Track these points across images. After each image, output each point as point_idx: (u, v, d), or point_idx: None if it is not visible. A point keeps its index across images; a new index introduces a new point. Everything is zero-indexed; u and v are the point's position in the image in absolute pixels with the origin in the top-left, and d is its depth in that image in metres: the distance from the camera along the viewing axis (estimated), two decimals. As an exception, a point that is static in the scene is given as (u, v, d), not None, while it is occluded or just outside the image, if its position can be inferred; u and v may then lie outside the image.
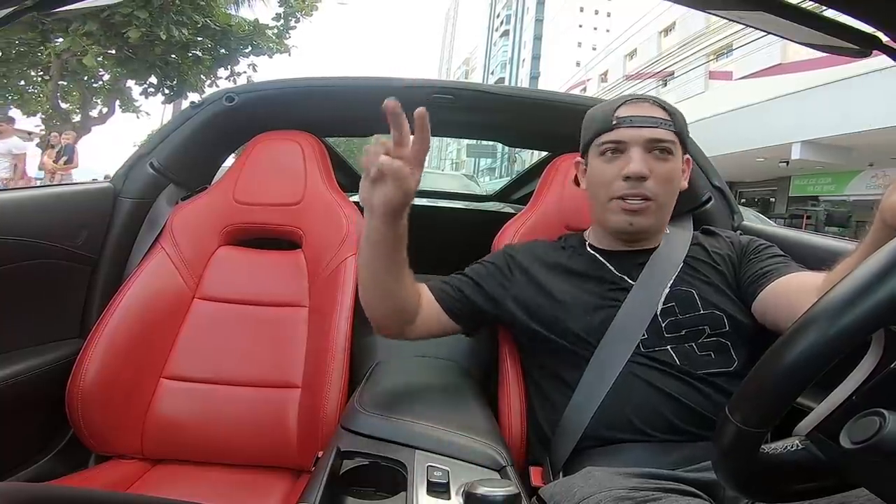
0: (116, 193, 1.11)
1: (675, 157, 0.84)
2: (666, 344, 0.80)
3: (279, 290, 1.07)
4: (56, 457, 0.95)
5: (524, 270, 0.91)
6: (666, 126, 0.83)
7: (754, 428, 0.40)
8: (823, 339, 0.37)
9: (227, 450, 0.96)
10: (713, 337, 0.80)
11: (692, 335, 0.80)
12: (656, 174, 0.82)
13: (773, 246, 0.88)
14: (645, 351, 0.80)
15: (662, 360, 0.79)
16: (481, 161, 37.32)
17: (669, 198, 0.86)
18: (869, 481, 0.39)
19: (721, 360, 0.79)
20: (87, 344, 0.93)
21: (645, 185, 0.82)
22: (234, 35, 8.92)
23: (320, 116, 1.27)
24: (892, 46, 0.62)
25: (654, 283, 0.84)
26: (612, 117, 0.85)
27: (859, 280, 0.37)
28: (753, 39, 10.84)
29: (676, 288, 0.84)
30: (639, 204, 0.83)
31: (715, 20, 14.34)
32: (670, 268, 0.86)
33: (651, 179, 0.82)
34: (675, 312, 0.82)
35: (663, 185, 0.83)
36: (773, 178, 13.21)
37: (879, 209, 0.44)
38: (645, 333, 0.80)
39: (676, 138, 0.84)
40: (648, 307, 0.82)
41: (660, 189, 0.83)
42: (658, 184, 0.82)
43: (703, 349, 0.80)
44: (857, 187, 11.40)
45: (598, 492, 0.62)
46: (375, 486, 0.64)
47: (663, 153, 0.83)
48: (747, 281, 0.83)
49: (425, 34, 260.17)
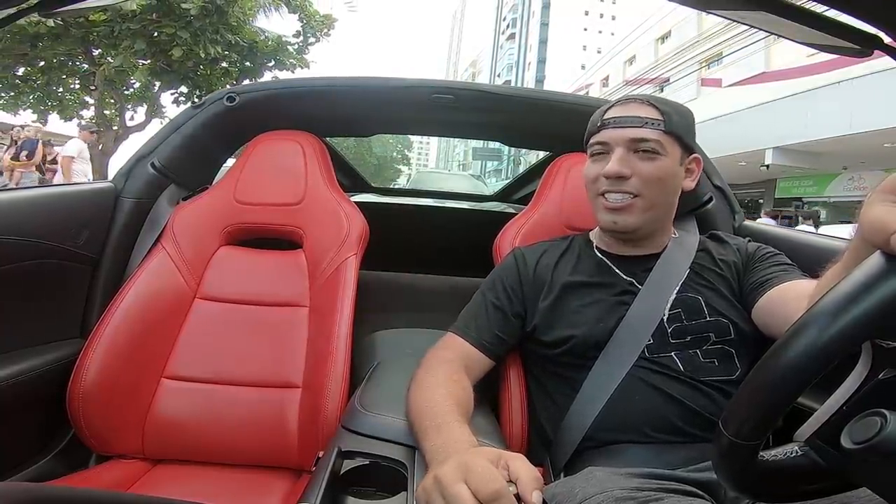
0: (117, 193, 1.11)
1: (666, 156, 0.82)
2: (671, 350, 0.80)
3: (280, 290, 1.07)
4: (57, 457, 0.95)
5: (536, 280, 0.91)
6: (652, 125, 0.82)
7: (747, 440, 0.41)
8: (807, 355, 0.38)
9: (227, 450, 0.96)
10: (718, 344, 0.80)
11: (697, 342, 0.80)
12: (640, 173, 0.82)
13: (779, 254, 0.87)
14: (650, 356, 0.80)
15: (667, 365, 0.79)
16: (487, 163, 37.40)
17: (661, 197, 0.84)
18: (871, 481, 0.39)
19: (725, 368, 0.79)
20: (88, 344, 0.93)
21: (628, 183, 0.82)
22: (259, 51, 10.06)
23: (321, 116, 1.27)
24: (893, 46, 0.61)
25: (661, 289, 0.84)
26: (599, 119, 0.86)
27: (840, 298, 0.38)
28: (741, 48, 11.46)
29: (683, 294, 0.84)
30: (620, 201, 0.83)
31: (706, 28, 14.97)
32: (677, 274, 0.86)
33: (634, 178, 0.82)
34: (681, 318, 0.82)
35: (649, 184, 0.82)
36: (761, 180, 13.95)
37: (859, 222, 0.44)
38: (650, 339, 0.80)
39: (668, 137, 0.82)
40: (655, 313, 0.82)
41: (645, 187, 0.82)
42: (643, 182, 0.82)
43: (707, 356, 0.80)
44: (836, 189, 12.52)
45: (599, 492, 0.61)
46: (376, 486, 0.64)
47: (648, 153, 0.82)
48: (748, 288, 0.83)
49: (432, 37, 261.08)
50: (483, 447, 0.56)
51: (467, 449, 0.56)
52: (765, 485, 0.43)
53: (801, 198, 13.28)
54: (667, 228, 0.91)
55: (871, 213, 0.41)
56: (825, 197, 12.75)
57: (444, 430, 0.61)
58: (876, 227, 0.39)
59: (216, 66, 9.72)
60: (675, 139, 0.83)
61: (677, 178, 0.85)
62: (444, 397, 0.69)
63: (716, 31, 13.73)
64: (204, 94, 9.80)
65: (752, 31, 10.99)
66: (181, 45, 8.68)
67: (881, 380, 0.40)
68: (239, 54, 9.83)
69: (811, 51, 4.93)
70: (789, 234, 1.01)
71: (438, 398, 0.69)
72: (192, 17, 8.53)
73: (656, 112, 0.83)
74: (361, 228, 1.10)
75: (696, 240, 0.93)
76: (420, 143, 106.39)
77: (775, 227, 1.10)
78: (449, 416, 0.64)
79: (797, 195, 13.41)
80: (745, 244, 0.93)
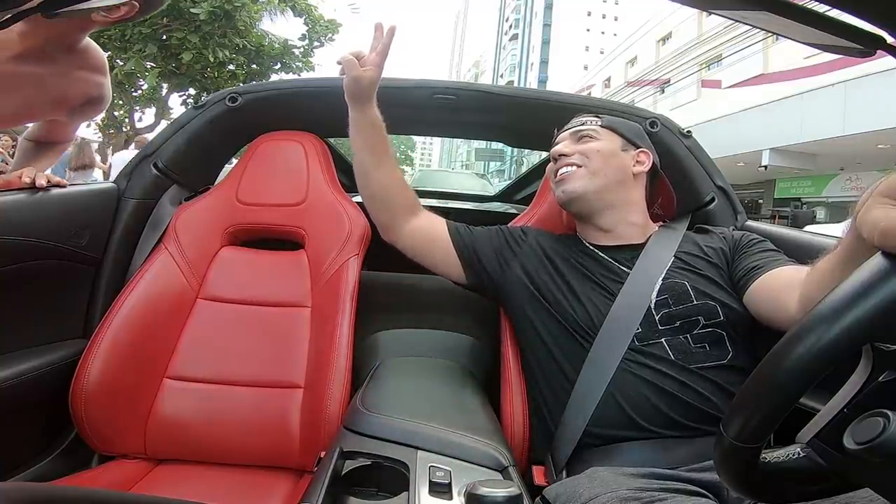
0: (120, 194, 1.11)
1: (602, 140, 0.96)
2: (660, 337, 0.81)
3: (282, 290, 1.08)
4: (59, 457, 0.95)
5: (533, 245, 0.98)
6: (590, 123, 0.98)
7: (747, 443, 0.41)
8: (809, 357, 0.38)
9: (229, 450, 0.96)
10: (708, 328, 0.81)
11: (686, 326, 0.81)
12: (580, 150, 0.95)
13: (764, 241, 0.90)
14: (639, 345, 0.80)
15: (656, 354, 0.79)
16: (490, 163, 37.48)
17: (603, 168, 0.94)
18: (872, 482, 0.39)
19: (715, 352, 0.80)
20: (91, 344, 0.93)
21: (570, 158, 0.95)
22: (265, 54, 10.45)
23: (323, 117, 1.27)
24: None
25: (647, 276, 0.86)
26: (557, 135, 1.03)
27: (840, 300, 0.38)
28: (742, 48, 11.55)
29: (669, 280, 0.85)
30: (564, 173, 0.95)
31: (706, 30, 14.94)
32: (661, 261, 0.88)
33: (576, 154, 0.95)
34: (668, 304, 0.83)
35: (589, 154, 0.94)
36: (761, 180, 14.18)
37: (857, 221, 0.44)
38: (639, 327, 0.81)
39: (603, 129, 0.97)
40: (642, 299, 0.83)
41: (586, 158, 0.94)
42: (583, 155, 0.94)
43: (697, 341, 0.80)
44: (833, 190, 12.70)
45: (603, 492, 0.62)
46: (377, 486, 0.64)
47: (584, 137, 0.97)
48: (738, 275, 0.85)
49: (435, 38, 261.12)
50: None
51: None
52: (767, 486, 0.43)
53: (800, 198, 13.43)
54: (631, 211, 0.96)
55: (871, 215, 0.41)
56: (823, 197, 12.93)
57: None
58: (879, 228, 0.39)
59: (224, 69, 10.06)
60: (611, 131, 0.98)
61: (618, 157, 0.96)
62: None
63: (714, 33, 13.86)
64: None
65: (751, 32, 11.06)
66: (191, 49, 9.04)
67: (882, 382, 0.40)
68: (246, 57, 10.18)
69: (808, 52, 4.93)
70: (790, 234, 1.00)
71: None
72: (201, 21, 8.81)
73: (593, 115, 1.01)
74: (363, 229, 1.10)
75: (681, 232, 0.96)
76: (423, 144, 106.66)
77: (776, 227, 1.10)
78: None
79: (796, 195, 13.58)
80: (730, 232, 0.96)
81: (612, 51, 26.93)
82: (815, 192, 13.10)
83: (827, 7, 0.58)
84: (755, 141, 11.62)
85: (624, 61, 23.73)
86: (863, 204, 0.44)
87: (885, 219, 0.39)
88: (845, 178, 12.31)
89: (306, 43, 11.13)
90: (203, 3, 8.67)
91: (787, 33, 0.70)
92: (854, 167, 11.86)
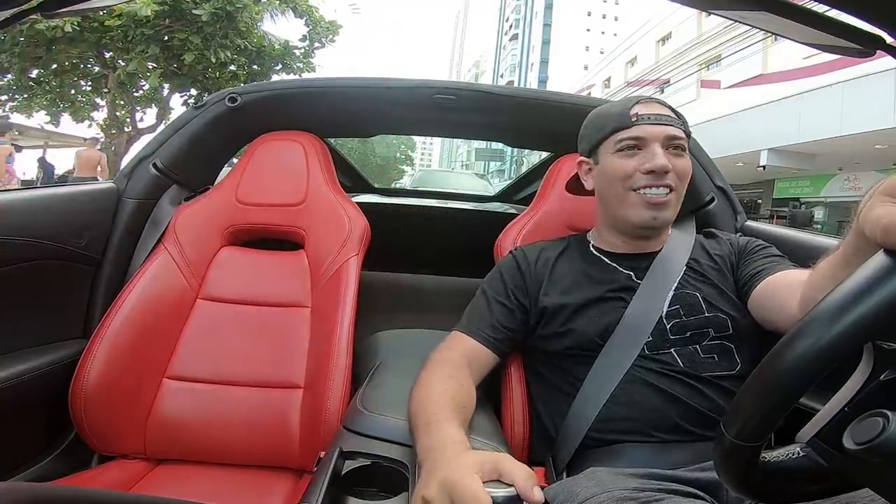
0: (120, 194, 1.11)
1: (687, 154, 0.87)
2: (670, 346, 0.80)
3: (281, 290, 1.07)
4: (59, 457, 0.95)
5: (537, 275, 0.91)
6: (678, 125, 0.86)
7: (747, 442, 0.40)
8: (809, 356, 0.37)
9: (229, 450, 0.96)
10: (717, 339, 0.80)
11: (696, 337, 0.80)
12: (676, 168, 0.83)
13: (769, 246, 0.89)
14: (649, 353, 0.80)
15: (666, 362, 0.79)
16: (490, 164, 37.48)
17: (684, 193, 0.87)
18: (873, 482, 0.39)
19: (725, 363, 0.79)
20: (91, 344, 0.93)
21: (668, 178, 0.83)
22: (267, 55, 10.49)
23: (323, 117, 1.27)
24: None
25: (659, 286, 0.84)
26: (629, 115, 0.85)
27: (841, 298, 0.37)
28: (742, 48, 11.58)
29: (681, 291, 0.84)
30: (663, 196, 0.83)
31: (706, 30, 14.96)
32: (674, 271, 0.87)
33: (672, 173, 0.83)
34: (679, 315, 0.82)
35: (682, 180, 0.85)
36: (760, 180, 14.22)
37: (861, 219, 0.44)
38: (650, 336, 0.80)
39: (686, 138, 0.87)
40: (654, 310, 0.82)
41: (679, 183, 0.85)
42: (678, 177, 0.84)
43: (706, 351, 0.80)
44: (832, 190, 12.76)
45: (601, 492, 0.61)
46: (377, 486, 0.64)
47: (678, 150, 0.85)
48: (742, 281, 0.84)
49: (435, 38, 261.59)
50: (469, 452, 0.56)
51: (456, 453, 0.55)
52: (767, 486, 0.43)
53: (799, 198, 13.48)
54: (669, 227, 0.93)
55: (873, 213, 0.41)
56: (821, 197, 12.98)
57: (433, 429, 0.61)
58: (881, 225, 0.39)
59: (225, 70, 10.12)
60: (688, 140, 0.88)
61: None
62: (439, 395, 0.69)
63: (713, 33, 13.88)
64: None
65: (750, 33, 11.09)
66: (192, 50, 9.09)
67: (883, 381, 0.40)
68: (247, 58, 10.24)
69: (807, 53, 4.93)
70: (791, 234, 1.00)
71: (434, 396, 0.69)
72: (203, 22, 8.86)
73: (674, 113, 0.87)
74: (363, 229, 1.10)
75: (692, 237, 0.94)
76: (423, 144, 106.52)
77: (776, 227, 1.10)
78: (441, 414, 0.64)
79: (794, 195, 13.63)
80: (736, 238, 0.95)
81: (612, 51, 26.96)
82: (813, 192, 13.19)
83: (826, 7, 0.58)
84: (754, 141, 11.66)
85: (624, 61, 23.77)
86: (865, 203, 0.44)
87: (887, 216, 0.39)
88: (843, 178, 12.36)
89: (307, 44, 11.24)
90: (205, 5, 8.72)
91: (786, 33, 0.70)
92: (852, 167, 11.92)
